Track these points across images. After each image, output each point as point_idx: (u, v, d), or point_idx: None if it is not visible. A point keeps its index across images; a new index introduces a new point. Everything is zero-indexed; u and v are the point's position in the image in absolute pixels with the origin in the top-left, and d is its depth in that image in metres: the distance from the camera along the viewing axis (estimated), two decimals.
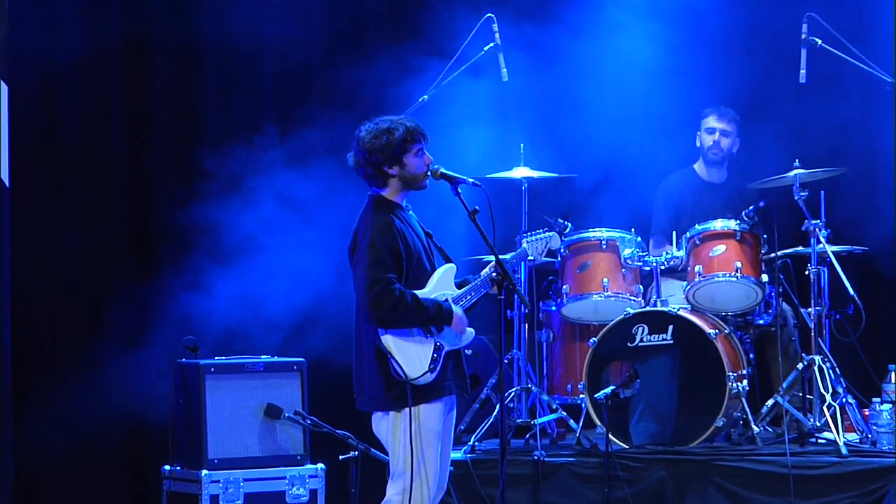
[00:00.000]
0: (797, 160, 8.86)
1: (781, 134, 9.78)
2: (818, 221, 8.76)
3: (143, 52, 9.33)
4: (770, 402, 8.78)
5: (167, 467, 8.13)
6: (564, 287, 9.05)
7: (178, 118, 9.44)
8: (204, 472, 7.92)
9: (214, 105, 9.49)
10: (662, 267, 9.01)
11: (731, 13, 9.90)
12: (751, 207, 8.93)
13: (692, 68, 9.72)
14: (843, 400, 8.64)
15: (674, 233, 9.17)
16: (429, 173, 6.87)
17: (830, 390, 8.63)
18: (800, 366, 8.76)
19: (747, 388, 8.74)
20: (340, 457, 7.90)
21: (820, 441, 8.65)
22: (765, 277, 8.89)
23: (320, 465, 8.16)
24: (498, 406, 8.09)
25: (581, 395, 8.85)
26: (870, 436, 8.64)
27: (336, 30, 9.74)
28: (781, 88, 9.70)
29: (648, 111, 9.71)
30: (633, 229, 9.11)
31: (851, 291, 8.72)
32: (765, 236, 8.98)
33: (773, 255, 8.92)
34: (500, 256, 6.79)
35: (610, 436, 8.32)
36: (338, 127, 8.82)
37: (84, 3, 9.16)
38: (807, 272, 8.82)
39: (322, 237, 8.91)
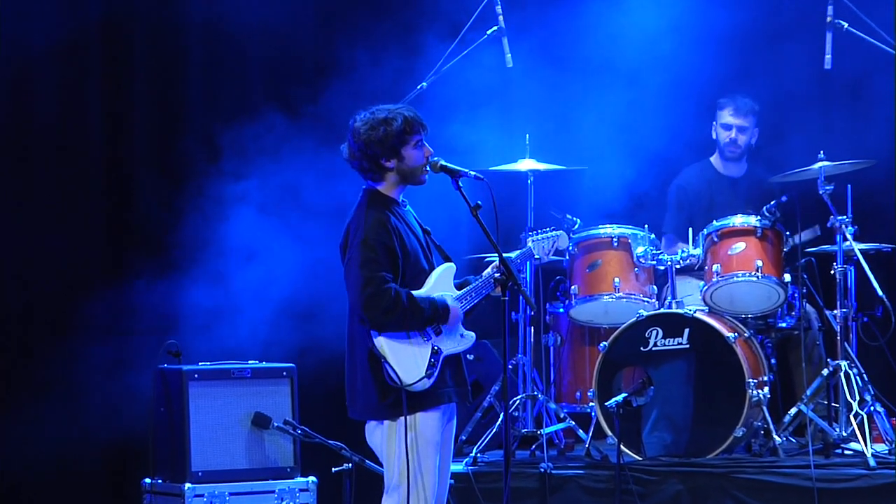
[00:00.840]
0: (822, 151, 8.84)
1: (805, 123, 9.76)
2: (844, 217, 8.73)
3: (122, 36, 9.33)
4: (793, 410, 8.77)
5: (148, 480, 8.10)
6: (573, 287, 9.04)
7: (160, 107, 9.45)
8: (187, 485, 7.90)
9: (199, 92, 9.50)
10: (678, 266, 8.98)
11: None
12: (772, 202, 8.90)
13: (710, 53, 9.69)
14: (871, 408, 8.63)
15: (690, 230, 9.15)
16: (428, 166, 6.83)
17: (857, 398, 8.62)
18: (825, 372, 8.75)
19: (768, 396, 8.72)
20: (333, 469, 7.90)
21: (846, 452, 8.64)
22: (787, 277, 8.86)
23: (311, 479, 8.15)
24: (502, 415, 8.07)
25: (591, 404, 8.85)
26: None
27: (330, 10, 9.73)
28: (805, 75, 9.66)
29: (664, 99, 9.68)
30: (646, 226, 9.10)
31: (880, 292, 8.69)
32: (787, 233, 8.95)
33: (795, 240, 8.88)
34: (504, 255, 6.76)
35: (622, 447, 8.31)
36: (332, 114, 8.80)
37: None
38: (832, 272, 8.79)
39: (314, 234, 8.89)
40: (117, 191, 9.31)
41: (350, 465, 7.82)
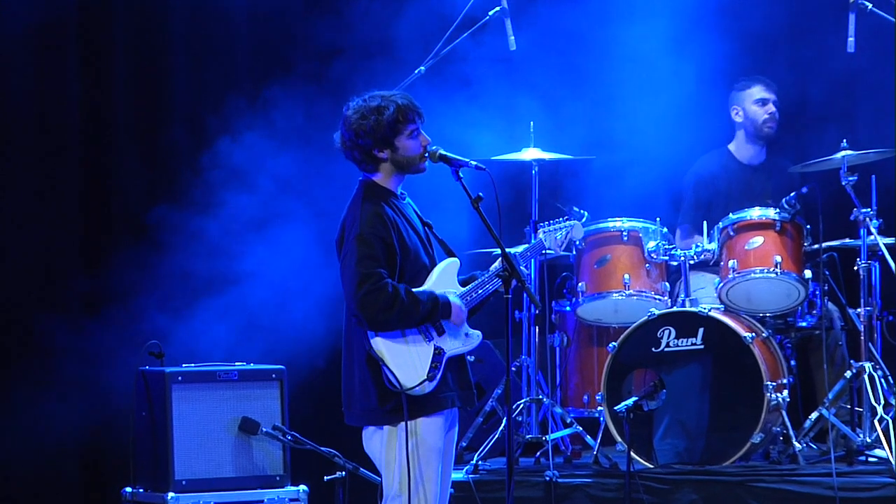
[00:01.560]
0: (845, 140, 8.82)
1: (827, 110, 9.72)
2: (868, 210, 8.72)
3: (101, 19, 9.31)
4: (814, 415, 8.78)
5: (128, 490, 8.11)
6: (580, 284, 9.04)
7: (141, 94, 9.50)
8: (170, 494, 7.90)
9: (183, 78, 9.48)
10: (692, 261, 8.96)
11: None
12: (792, 194, 8.92)
13: (729, 37, 9.66)
14: None
15: (704, 223, 9.10)
16: (426, 155, 6.78)
17: (882, 401, 8.65)
18: (847, 374, 8.76)
19: (788, 400, 8.72)
20: (326, 477, 7.89)
21: (870, 459, 8.65)
22: (808, 274, 8.82)
23: (302, 487, 8.15)
24: (505, 420, 8.04)
25: (599, 408, 8.87)
26: None
27: None
28: (828, 58, 9.63)
29: (676, 83, 9.65)
30: (657, 219, 9.11)
31: None
32: (808, 227, 8.92)
33: (817, 246, 8.86)
34: (511, 249, 6.72)
35: (632, 454, 8.30)
36: (324, 100, 8.77)
37: None
38: (855, 267, 8.79)
39: (307, 228, 8.89)
40: (97, 177, 9.31)
41: (343, 473, 7.85)
